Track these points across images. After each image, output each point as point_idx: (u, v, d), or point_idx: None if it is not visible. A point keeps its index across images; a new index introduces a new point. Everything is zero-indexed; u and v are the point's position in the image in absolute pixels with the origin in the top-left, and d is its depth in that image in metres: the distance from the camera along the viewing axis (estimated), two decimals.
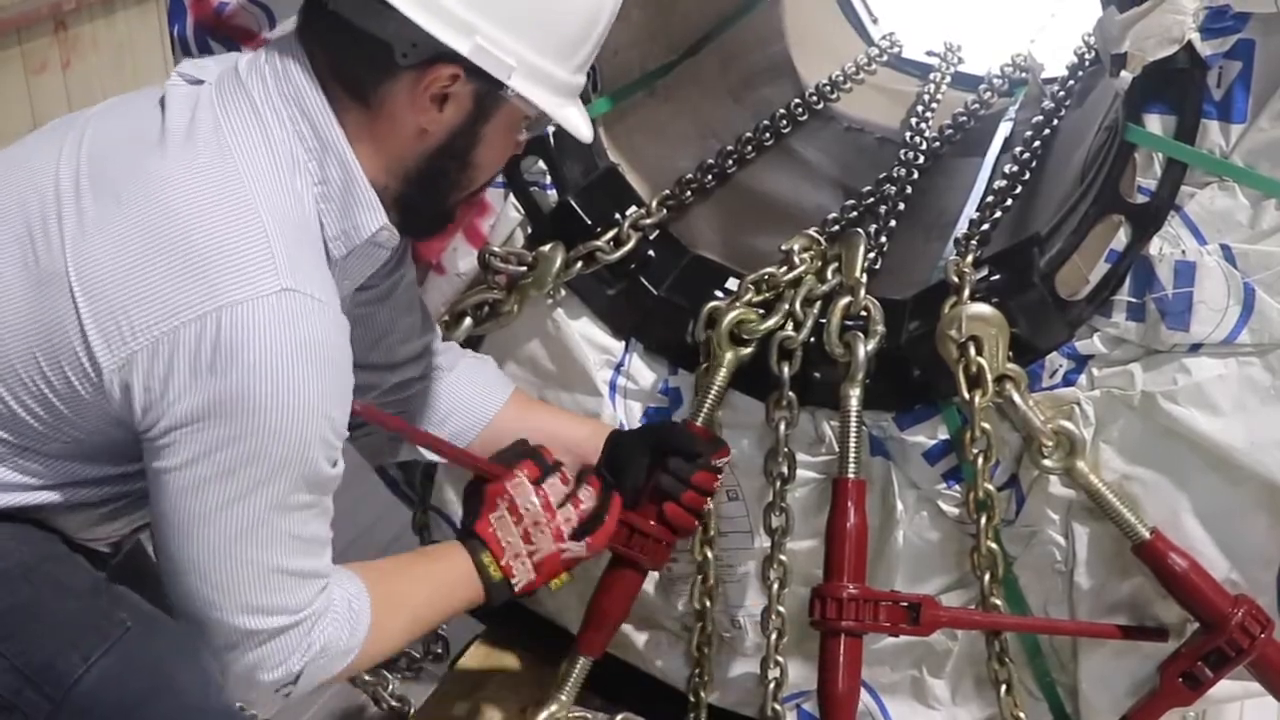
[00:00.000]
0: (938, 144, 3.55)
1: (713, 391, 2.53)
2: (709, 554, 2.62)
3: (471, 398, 2.45)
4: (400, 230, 2.03)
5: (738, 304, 2.55)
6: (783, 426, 2.52)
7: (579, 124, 2.03)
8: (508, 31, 1.87)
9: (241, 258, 1.77)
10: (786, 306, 2.54)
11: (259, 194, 1.82)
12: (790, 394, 2.52)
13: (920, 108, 3.76)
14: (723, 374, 2.53)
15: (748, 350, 2.54)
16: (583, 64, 2.01)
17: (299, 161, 1.88)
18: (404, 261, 2.36)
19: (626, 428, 2.62)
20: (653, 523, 2.43)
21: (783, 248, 2.64)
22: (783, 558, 2.55)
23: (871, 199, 3.25)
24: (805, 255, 2.62)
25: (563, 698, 2.56)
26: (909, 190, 3.28)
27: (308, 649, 1.92)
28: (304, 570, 1.90)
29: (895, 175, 3.33)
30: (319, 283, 1.84)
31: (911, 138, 3.54)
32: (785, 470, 2.54)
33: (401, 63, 1.84)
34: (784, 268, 2.60)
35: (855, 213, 3.20)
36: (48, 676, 1.82)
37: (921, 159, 3.43)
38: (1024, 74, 3.89)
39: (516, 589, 2.22)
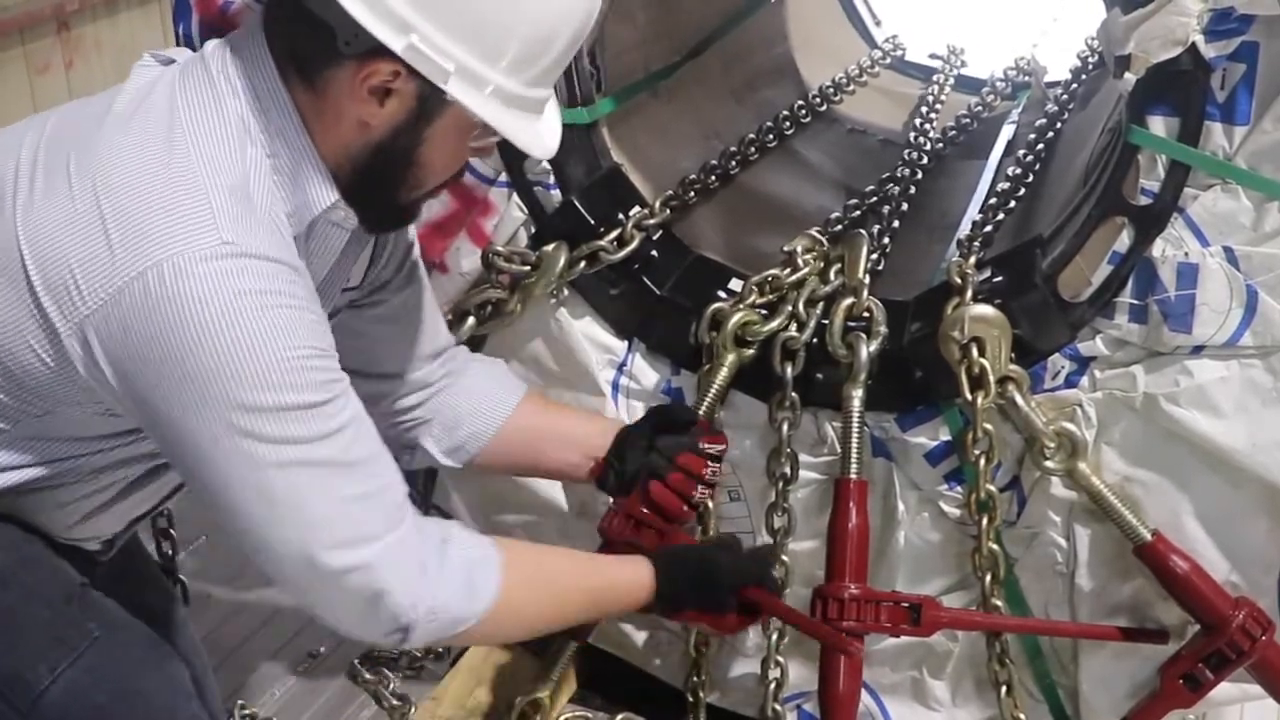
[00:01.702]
0: (941, 145, 3.55)
1: (713, 390, 2.53)
2: None
3: (485, 401, 2.43)
4: (360, 223, 2.00)
5: (741, 305, 2.55)
6: (785, 427, 2.52)
7: (527, 138, 1.93)
8: (449, 35, 1.81)
9: (180, 215, 1.76)
10: (790, 308, 2.55)
11: (202, 159, 1.81)
12: (793, 395, 2.52)
13: (925, 108, 3.77)
14: (724, 374, 2.53)
15: (750, 352, 2.55)
16: (540, 78, 1.92)
17: (250, 131, 1.86)
18: (413, 279, 2.34)
19: None
20: (644, 510, 2.40)
21: (785, 249, 2.64)
22: (785, 558, 2.55)
23: (875, 198, 3.25)
24: (808, 257, 2.62)
25: (553, 678, 2.55)
26: (912, 190, 3.29)
27: (411, 605, 1.86)
28: (350, 494, 1.83)
29: (899, 175, 3.34)
30: (264, 240, 1.80)
31: (915, 138, 3.55)
32: (788, 471, 2.54)
33: (344, 50, 1.82)
34: (788, 270, 2.60)
35: (858, 212, 3.20)
36: (15, 687, 1.82)
37: (925, 158, 3.43)
38: (1026, 77, 3.90)
39: None
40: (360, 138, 1.89)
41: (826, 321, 2.52)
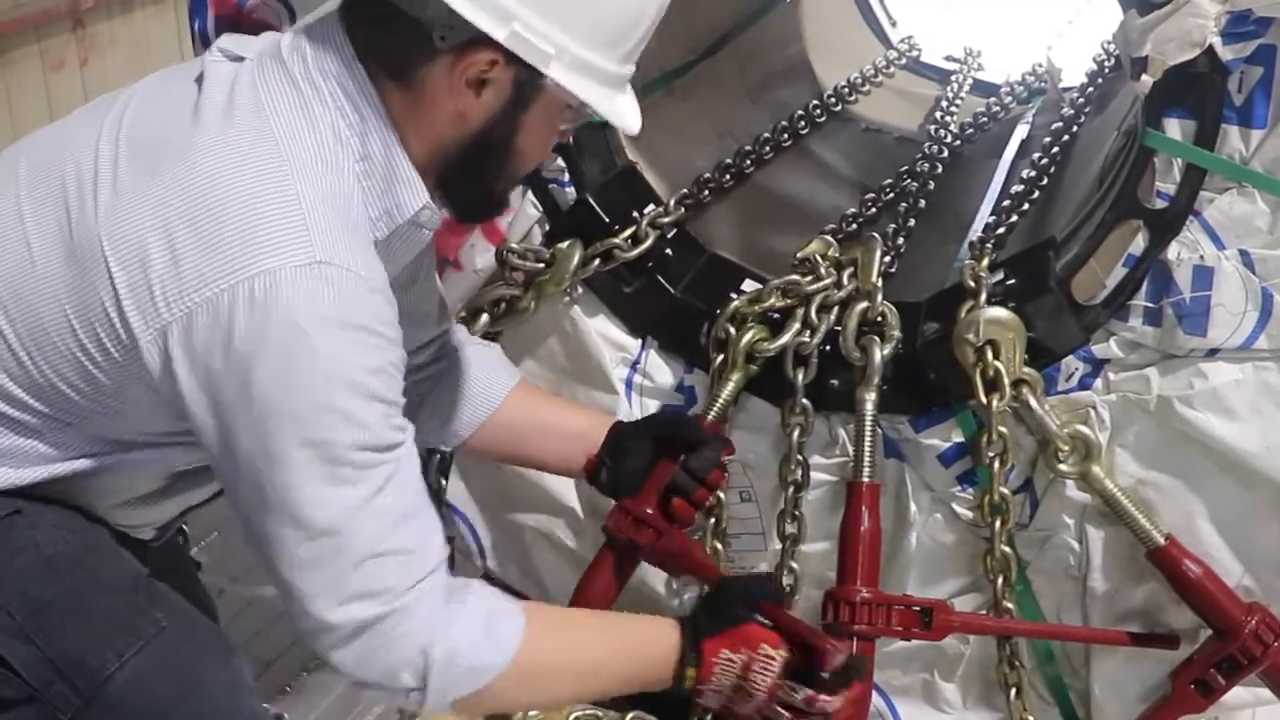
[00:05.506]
0: (958, 142, 3.54)
1: (719, 403, 2.52)
2: (719, 547, 2.62)
3: (478, 387, 2.41)
4: (453, 214, 2.02)
5: (757, 305, 2.55)
6: (797, 433, 2.52)
7: (626, 115, 1.96)
8: (548, 19, 1.82)
9: (275, 227, 1.75)
10: (799, 323, 2.52)
11: (297, 167, 1.80)
12: (805, 401, 2.51)
13: (943, 105, 3.76)
14: (730, 388, 2.53)
15: (755, 368, 2.54)
16: (629, 55, 1.94)
17: (341, 137, 1.85)
18: (426, 249, 2.35)
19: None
20: (650, 511, 2.37)
21: (799, 254, 2.63)
22: (794, 564, 2.55)
23: (891, 194, 3.25)
24: (827, 265, 2.60)
25: None
26: (930, 185, 3.28)
27: (427, 646, 1.81)
28: (388, 549, 1.80)
29: (917, 170, 3.33)
30: (356, 256, 1.80)
31: (936, 130, 3.54)
32: (799, 477, 2.54)
33: (439, 45, 1.82)
34: (809, 277, 2.57)
35: (874, 209, 3.20)
36: (79, 671, 1.81)
37: (944, 151, 3.42)
38: (1043, 83, 3.89)
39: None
40: (455, 131, 1.89)
41: (839, 327, 2.51)
